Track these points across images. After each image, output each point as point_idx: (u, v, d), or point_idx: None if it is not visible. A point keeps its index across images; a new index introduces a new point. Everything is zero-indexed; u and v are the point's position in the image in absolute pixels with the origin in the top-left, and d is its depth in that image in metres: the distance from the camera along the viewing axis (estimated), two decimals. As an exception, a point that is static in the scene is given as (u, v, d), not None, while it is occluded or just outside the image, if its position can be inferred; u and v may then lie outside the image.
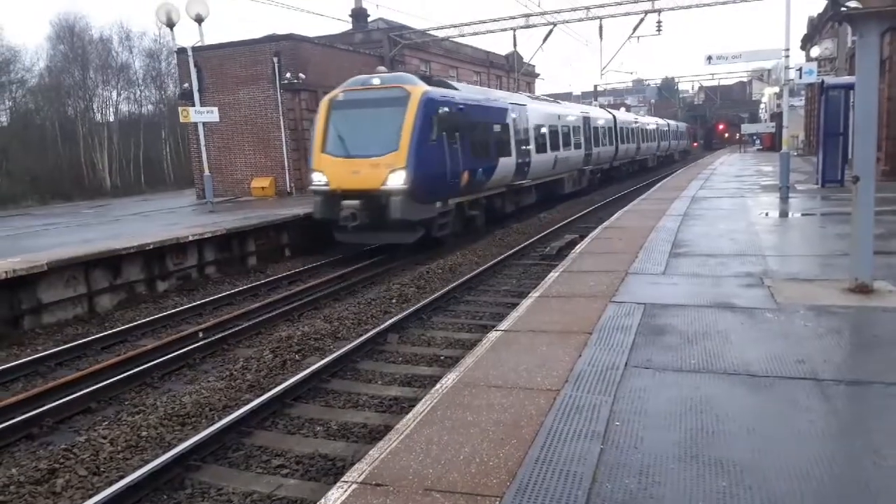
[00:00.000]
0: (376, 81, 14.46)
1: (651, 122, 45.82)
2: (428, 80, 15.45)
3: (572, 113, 25.92)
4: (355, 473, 3.57)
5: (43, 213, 26.44)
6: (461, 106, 15.22)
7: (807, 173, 22.84)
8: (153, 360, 7.98)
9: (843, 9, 7.23)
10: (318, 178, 14.11)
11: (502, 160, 17.50)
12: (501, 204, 18.58)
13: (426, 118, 13.62)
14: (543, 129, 21.59)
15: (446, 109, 14.38)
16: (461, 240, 16.00)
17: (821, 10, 31.56)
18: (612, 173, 33.13)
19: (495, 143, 17.27)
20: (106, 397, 7.10)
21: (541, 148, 21.01)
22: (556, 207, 22.65)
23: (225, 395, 6.88)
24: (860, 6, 8.64)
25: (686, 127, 65.34)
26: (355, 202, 13.36)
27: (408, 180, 13.16)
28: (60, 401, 6.78)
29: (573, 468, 3.51)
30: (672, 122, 56.25)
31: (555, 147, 22.52)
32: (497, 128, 17.66)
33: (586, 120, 27.31)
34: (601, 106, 42.39)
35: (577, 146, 25.56)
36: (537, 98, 24.57)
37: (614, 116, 33.23)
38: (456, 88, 16.17)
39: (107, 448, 5.73)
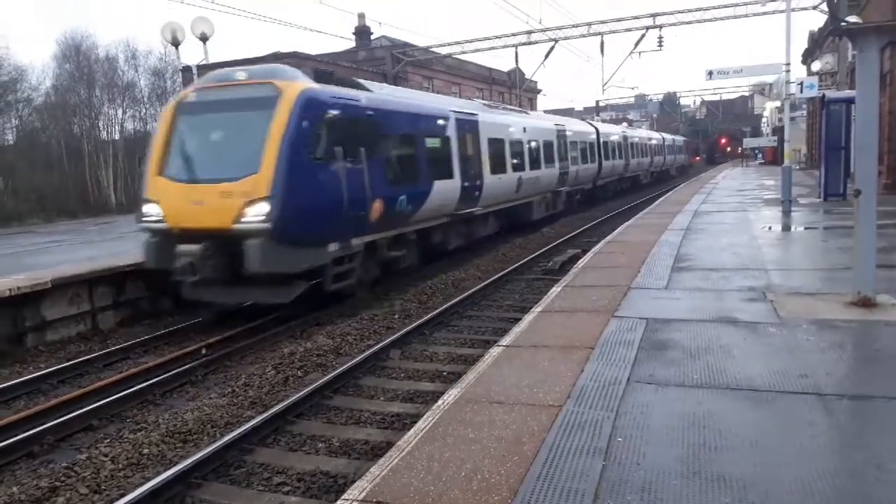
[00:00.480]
0: (241, 76, 10.55)
1: (642, 135, 42.11)
2: (323, 75, 11.75)
3: (542, 125, 22.17)
4: (356, 491, 3.56)
5: (47, 230, 26.59)
6: (370, 112, 11.53)
7: (809, 187, 22.87)
8: (155, 378, 7.98)
9: (843, 24, 7.30)
10: (151, 211, 10.11)
11: (440, 184, 13.76)
12: (443, 238, 14.91)
13: (306, 127, 9.87)
14: (502, 145, 17.84)
15: (345, 116, 10.70)
16: (464, 254, 15.91)
17: (821, 24, 31.77)
18: (597, 193, 29.73)
19: (429, 162, 13.58)
20: (108, 414, 7.09)
21: (498, 167, 17.22)
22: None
23: (227, 411, 6.86)
24: (860, 21, 8.72)
25: (684, 141, 61.83)
26: (195, 247, 9.49)
27: (273, 215, 9.30)
28: (62, 418, 6.77)
29: (575, 485, 3.49)
30: (667, 136, 52.90)
31: (518, 166, 18.77)
32: (433, 142, 14.00)
33: (561, 134, 23.61)
34: (603, 121, 42.12)
35: (550, 164, 21.82)
36: (495, 107, 20.11)
37: (597, 129, 29.47)
38: (367, 89, 12.41)
39: (108, 466, 5.70)
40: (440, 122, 14.52)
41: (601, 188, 30.20)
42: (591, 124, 29.93)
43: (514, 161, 18.45)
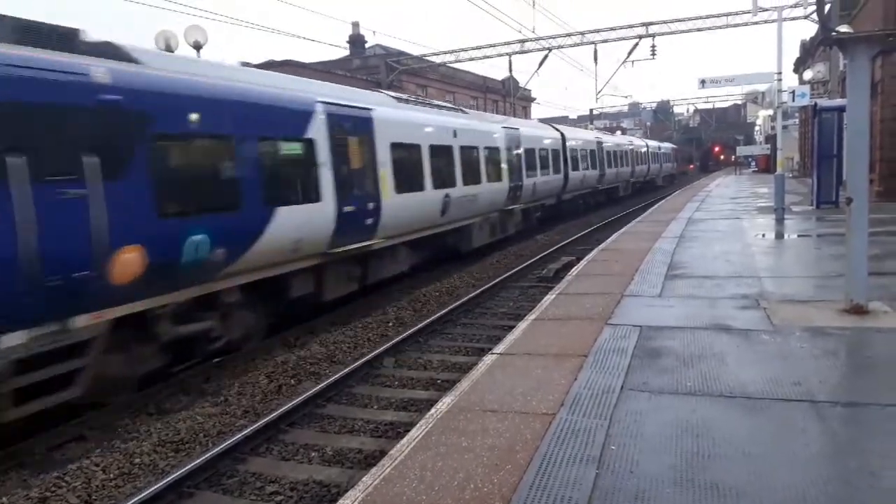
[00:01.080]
0: None
1: (622, 141, 37.05)
2: (27, 28, 6.61)
3: (483, 128, 17.29)
4: (348, 501, 3.55)
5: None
6: (117, 97, 6.90)
7: (802, 195, 22.98)
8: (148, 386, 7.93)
9: (833, 34, 7.35)
10: None
11: (291, 211, 9.17)
12: (314, 288, 10.42)
13: None
14: (416, 153, 13.24)
15: (38, 101, 6.21)
16: (456, 263, 15.82)
17: (813, 34, 32.04)
18: (564, 209, 25.79)
19: (264, 179, 8.82)
20: (99, 424, 7.03)
21: (409, 183, 12.72)
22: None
23: (219, 420, 6.83)
24: (851, 31, 8.78)
25: (672, 148, 57.30)
26: None
27: None
28: (53, 428, 6.71)
29: (568, 493, 3.48)
30: (653, 143, 48.05)
31: (445, 181, 14.21)
32: (276, 148, 9.34)
33: (512, 139, 19.00)
34: (597, 129, 41.75)
35: (495, 177, 17.38)
36: (407, 101, 14.41)
37: (562, 134, 24.87)
38: (134, 59, 7.41)
39: (99, 476, 5.67)
40: (290, 116, 9.53)
41: (569, 203, 26.24)
42: (555, 128, 25.37)
43: (438, 174, 13.87)
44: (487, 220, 17.18)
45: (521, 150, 19.60)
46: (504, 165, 18.05)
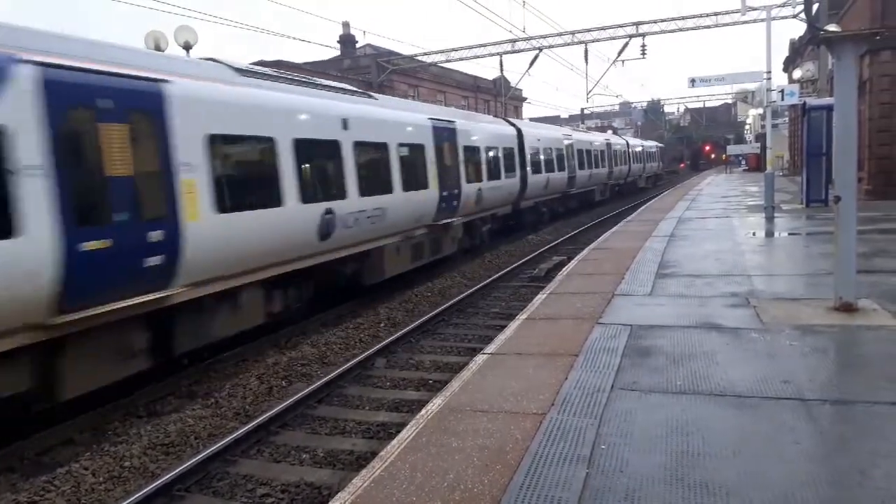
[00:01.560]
0: None
1: (598, 139, 31.83)
2: None
3: (394, 118, 12.66)
4: (337, 503, 3.53)
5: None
6: None
7: (792, 193, 23.11)
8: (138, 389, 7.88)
9: (821, 33, 7.40)
10: None
11: None
12: (40, 379, 6.29)
13: None
14: (267, 151, 8.93)
15: None
16: (452, 263, 15.83)
17: (801, 33, 32.21)
18: (524, 218, 21.68)
19: None
20: (88, 427, 6.98)
21: (249, 196, 8.59)
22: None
23: (210, 422, 6.80)
24: (838, 30, 8.84)
25: (657, 147, 52.67)
26: None
27: None
28: (41, 432, 6.66)
29: (558, 493, 3.48)
30: (634, 141, 43.87)
31: (323, 191, 10.11)
32: None
33: (444, 135, 14.63)
34: (588, 129, 41.39)
35: (419, 183, 13.15)
36: (258, 74, 9.50)
37: (518, 130, 20.44)
38: None
39: (88, 479, 5.63)
40: None
41: (531, 211, 22.14)
42: (510, 123, 20.93)
43: (312, 182, 9.92)
44: (409, 239, 13.10)
45: (458, 149, 15.39)
46: (433, 168, 13.77)
